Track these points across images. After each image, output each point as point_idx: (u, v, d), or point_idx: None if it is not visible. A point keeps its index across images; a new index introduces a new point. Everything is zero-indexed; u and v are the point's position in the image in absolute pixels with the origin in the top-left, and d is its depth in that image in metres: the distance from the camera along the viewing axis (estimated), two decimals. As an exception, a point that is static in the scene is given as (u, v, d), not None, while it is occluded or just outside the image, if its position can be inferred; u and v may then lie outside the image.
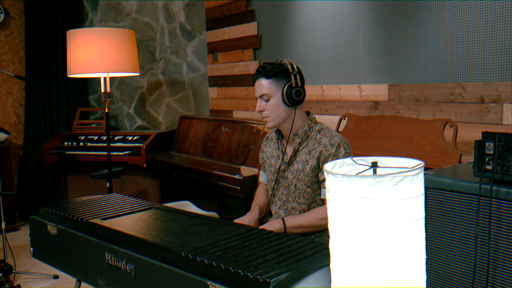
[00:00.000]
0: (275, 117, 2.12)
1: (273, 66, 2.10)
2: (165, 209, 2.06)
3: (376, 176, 1.14)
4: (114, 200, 2.22)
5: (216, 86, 4.98)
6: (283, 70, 2.10)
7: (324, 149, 2.07)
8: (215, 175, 3.64)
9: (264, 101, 2.12)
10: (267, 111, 2.12)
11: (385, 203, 1.13)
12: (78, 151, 4.82)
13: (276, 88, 2.09)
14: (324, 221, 2.08)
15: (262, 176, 2.43)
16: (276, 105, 2.10)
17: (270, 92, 2.09)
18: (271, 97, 2.10)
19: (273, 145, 2.29)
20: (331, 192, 1.23)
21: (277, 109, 2.11)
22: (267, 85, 2.10)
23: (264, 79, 2.10)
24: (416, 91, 3.02)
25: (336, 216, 1.16)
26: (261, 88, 2.10)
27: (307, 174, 2.10)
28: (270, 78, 2.09)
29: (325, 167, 1.26)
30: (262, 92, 2.11)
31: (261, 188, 2.44)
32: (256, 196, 2.40)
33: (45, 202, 5.35)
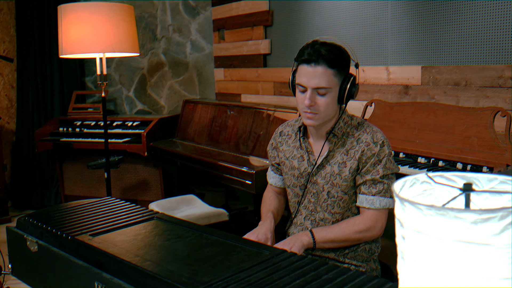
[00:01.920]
0: (326, 115, 1.72)
1: (337, 51, 1.67)
2: (169, 220, 1.71)
3: (483, 211, 0.77)
4: (109, 207, 1.86)
5: (223, 68, 4.59)
6: (345, 57, 1.69)
7: (367, 148, 1.71)
8: (223, 167, 3.28)
9: (319, 95, 1.69)
10: (320, 107, 1.69)
11: (497, 252, 0.76)
12: (73, 137, 4.46)
13: (338, 82, 1.69)
14: (362, 234, 1.72)
15: (272, 177, 2.06)
16: (332, 101, 1.70)
17: (331, 86, 1.67)
18: (329, 92, 1.68)
19: (292, 143, 1.91)
20: (407, 228, 0.87)
21: (331, 107, 1.71)
22: (330, 76, 1.66)
23: (326, 67, 1.64)
24: (455, 74, 2.63)
25: (415, 264, 0.80)
26: (320, 78, 1.65)
27: (346, 179, 1.74)
28: (334, 67, 1.66)
29: (394, 189, 0.90)
30: (320, 84, 1.65)
31: (271, 190, 2.08)
32: (266, 200, 2.04)
33: (40, 191, 5.01)
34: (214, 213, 3.13)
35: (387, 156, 1.70)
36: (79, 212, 1.80)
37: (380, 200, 1.70)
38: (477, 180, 0.95)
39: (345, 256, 1.79)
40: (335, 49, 1.66)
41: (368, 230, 1.71)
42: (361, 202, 1.73)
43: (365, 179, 1.71)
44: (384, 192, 1.70)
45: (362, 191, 1.72)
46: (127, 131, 4.41)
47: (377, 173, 1.69)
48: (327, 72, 1.65)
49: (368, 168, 1.70)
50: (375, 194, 1.70)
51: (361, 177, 1.72)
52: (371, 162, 1.69)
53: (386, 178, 1.70)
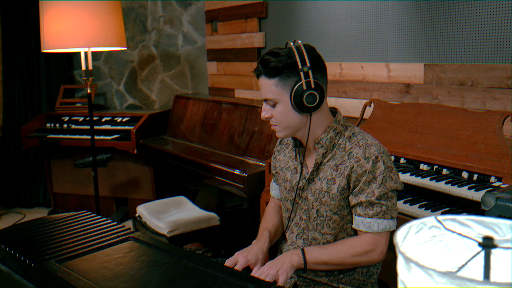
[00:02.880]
0: (285, 126, 1.58)
1: (278, 60, 1.51)
2: (146, 242, 1.54)
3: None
4: (82, 225, 1.70)
5: (216, 61, 4.40)
6: (292, 63, 1.52)
7: (356, 164, 1.52)
8: (215, 169, 3.11)
9: (270, 106, 1.57)
10: (275, 119, 1.58)
11: None
12: (61, 134, 4.29)
13: (283, 91, 1.54)
14: (358, 259, 1.55)
15: (274, 189, 1.90)
16: (284, 112, 1.56)
17: (275, 97, 1.54)
18: (278, 102, 1.55)
19: (288, 152, 1.75)
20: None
21: (286, 117, 1.56)
22: (271, 87, 1.54)
23: (265, 79, 1.54)
24: (460, 73, 2.45)
25: None
26: (264, 89, 1.56)
27: (334, 197, 1.57)
28: (273, 77, 1.53)
29: (397, 241, 0.74)
30: (266, 95, 1.57)
31: (272, 205, 1.91)
32: (266, 216, 1.87)
33: (28, 189, 4.85)
34: (204, 217, 2.97)
35: (384, 173, 1.51)
36: (49, 231, 1.64)
37: (379, 222, 1.52)
38: (497, 227, 0.79)
39: (339, 281, 1.63)
40: (279, 58, 1.51)
41: (365, 254, 1.55)
42: (357, 224, 1.56)
43: (359, 200, 1.53)
44: (383, 214, 1.52)
45: (358, 212, 1.55)
46: (116, 127, 4.24)
47: (372, 194, 1.51)
48: (268, 83, 1.55)
49: (361, 187, 1.52)
50: (372, 216, 1.52)
51: (355, 197, 1.55)
52: (364, 181, 1.51)
53: (384, 199, 1.52)
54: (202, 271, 1.34)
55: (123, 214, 4.50)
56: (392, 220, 1.54)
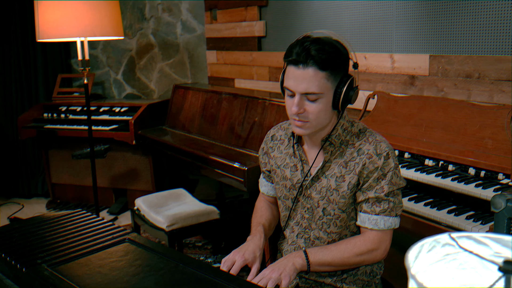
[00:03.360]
0: (318, 124, 1.48)
1: (333, 51, 1.40)
2: (143, 244, 1.49)
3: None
4: (76, 226, 1.64)
5: (215, 50, 4.32)
6: (342, 58, 1.43)
7: (369, 161, 1.47)
8: (214, 162, 3.05)
9: (309, 101, 1.45)
10: (310, 115, 1.45)
11: None
12: (58, 124, 4.23)
13: (331, 86, 1.44)
14: (362, 257, 1.51)
15: (263, 186, 1.84)
16: (324, 108, 1.45)
17: (322, 91, 1.43)
18: (321, 98, 1.44)
19: (284, 149, 1.68)
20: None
21: (324, 114, 1.47)
22: (321, 80, 1.41)
23: (317, 70, 1.40)
24: (467, 64, 2.38)
25: None
26: (310, 82, 1.41)
27: (344, 195, 1.51)
28: (326, 70, 1.41)
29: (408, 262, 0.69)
30: (310, 89, 1.41)
31: (262, 200, 1.86)
32: (257, 211, 1.81)
33: (26, 179, 4.80)
34: (204, 211, 2.92)
35: (393, 170, 1.47)
36: (42, 232, 1.58)
37: (385, 220, 1.48)
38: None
39: (343, 282, 1.59)
40: (328, 48, 1.40)
41: (370, 252, 1.50)
42: (362, 221, 1.51)
43: (367, 196, 1.48)
44: (389, 211, 1.48)
45: (364, 209, 1.50)
46: (115, 117, 4.17)
47: (381, 190, 1.47)
48: (317, 75, 1.40)
49: (370, 183, 1.47)
50: (379, 213, 1.48)
51: (363, 193, 1.50)
52: (374, 177, 1.47)
53: (391, 195, 1.48)
54: (200, 277, 1.29)
55: (122, 205, 4.45)
56: (397, 217, 1.50)
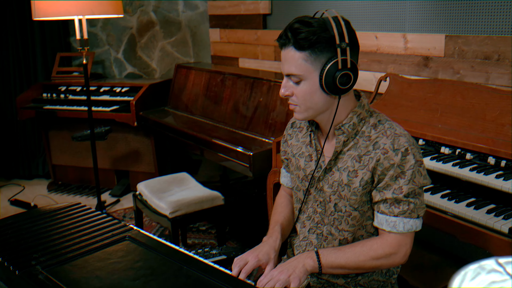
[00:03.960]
0: (307, 107, 1.40)
1: (312, 31, 1.31)
2: (144, 243, 1.40)
3: None
4: (73, 222, 1.55)
5: (219, 28, 4.17)
6: (329, 37, 1.33)
7: (384, 157, 1.35)
8: (217, 146, 2.95)
9: (293, 82, 1.38)
10: (296, 98, 1.39)
11: None
12: (58, 105, 4.12)
13: (313, 67, 1.34)
14: (379, 262, 1.40)
15: (284, 177, 1.74)
16: (309, 91, 1.37)
17: (301, 73, 1.35)
18: (303, 79, 1.36)
19: (302, 137, 1.57)
20: None
21: (310, 97, 1.38)
22: (299, 61, 1.34)
23: (293, 50, 1.34)
24: (486, 45, 2.25)
25: None
26: (290, 63, 1.36)
27: (355, 192, 1.41)
28: (304, 50, 1.33)
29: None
30: (290, 70, 1.37)
31: (283, 194, 1.75)
32: (277, 207, 1.71)
33: (27, 160, 4.72)
34: (208, 197, 2.83)
35: (414, 167, 1.34)
36: (37, 229, 1.49)
37: (405, 222, 1.36)
38: None
39: (357, 283, 1.49)
40: (313, 28, 1.31)
41: (387, 256, 1.39)
42: (380, 223, 1.41)
43: (384, 196, 1.37)
44: (410, 212, 1.36)
45: (381, 210, 1.39)
46: (115, 98, 4.06)
47: (400, 190, 1.34)
48: (294, 56, 1.35)
49: (387, 182, 1.36)
50: (397, 215, 1.36)
51: (379, 193, 1.38)
52: (390, 175, 1.35)
53: (412, 196, 1.35)
54: (205, 282, 1.19)
55: (124, 187, 4.37)
56: (419, 219, 1.38)
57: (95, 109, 3.92)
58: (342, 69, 1.33)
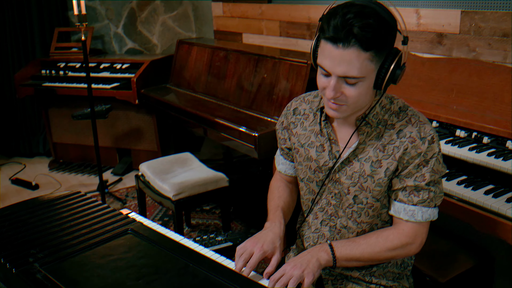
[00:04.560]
0: (356, 107, 1.28)
1: (377, 27, 1.15)
2: (147, 237, 1.32)
3: None
4: (73, 213, 1.47)
5: (221, 1, 4.03)
6: (388, 32, 1.19)
7: (411, 146, 1.28)
8: (221, 126, 2.86)
9: (348, 84, 1.22)
10: (347, 98, 1.24)
11: None
12: (57, 82, 4.01)
13: (375, 66, 1.21)
14: (395, 252, 1.34)
15: (281, 164, 1.64)
16: (365, 91, 1.24)
17: (365, 75, 1.20)
18: (362, 81, 1.22)
19: (309, 126, 1.48)
20: None
21: (364, 98, 1.26)
22: (364, 62, 1.18)
23: (359, 51, 1.16)
24: (504, 22, 2.13)
25: None
26: (350, 65, 1.18)
27: (380, 183, 1.33)
28: (370, 49, 1.17)
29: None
30: (350, 72, 1.19)
31: (279, 178, 1.66)
32: (274, 191, 1.62)
33: (27, 138, 4.65)
34: (212, 178, 2.76)
35: (436, 156, 1.28)
36: (34, 221, 1.42)
37: (423, 211, 1.30)
38: None
39: (371, 275, 1.43)
40: (374, 22, 1.15)
41: (403, 247, 1.33)
42: (397, 211, 1.34)
43: (405, 184, 1.30)
44: (429, 201, 1.30)
45: (399, 198, 1.32)
46: (116, 75, 3.95)
47: (422, 178, 1.28)
48: (360, 57, 1.17)
49: (410, 170, 1.29)
50: (416, 204, 1.30)
51: (400, 181, 1.31)
52: (415, 164, 1.28)
53: (432, 184, 1.30)
54: (213, 282, 1.13)
55: (126, 166, 4.31)
56: (436, 208, 1.33)
57: (95, 86, 3.82)
58: (403, 64, 1.23)
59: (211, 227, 3.31)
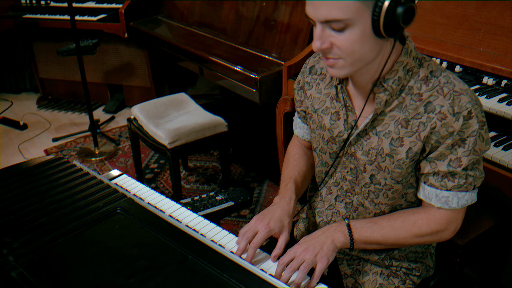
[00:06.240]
0: (355, 60, 1.04)
1: None
2: (139, 218, 1.15)
3: None
4: (55, 184, 1.29)
5: None
6: None
7: (441, 123, 1.06)
8: (219, 66, 2.63)
9: (335, 30, 1.01)
10: (339, 50, 1.03)
11: None
12: (39, 13, 3.71)
13: (364, 5, 0.97)
14: (423, 239, 1.17)
15: (298, 127, 1.45)
16: (359, 39, 1.01)
17: (350, 17, 0.98)
18: (351, 25, 0.99)
19: (325, 88, 1.26)
20: None
21: (360, 47, 1.02)
22: (345, 2, 0.97)
23: None
24: None
25: None
26: (329, 5, 0.97)
27: (400, 165, 1.13)
28: None
29: None
30: (330, 15, 0.98)
31: (297, 145, 1.47)
32: (290, 159, 1.43)
33: (12, 74, 4.39)
34: (209, 123, 2.56)
35: (477, 134, 1.05)
36: (9, 197, 1.24)
37: (459, 197, 1.10)
38: None
39: (392, 258, 1.28)
40: None
41: (433, 234, 1.16)
42: (427, 197, 1.14)
43: (436, 169, 1.10)
44: (466, 186, 1.10)
45: (430, 182, 1.13)
46: (102, 5, 3.64)
47: (458, 163, 1.07)
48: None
49: (442, 152, 1.08)
50: (451, 189, 1.10)
51: (430, 164, 1.10)
52: (447, 144, 1.06)
53: (470, 168, 1.08)
54: (215, 278, 0.97)
55: (119, 103, 4.10)
56: (475, 191, 1.12)
57: (80, 18, 3.52)
58: (406, 1, 0.99)
59: (209, 170, 3.17)
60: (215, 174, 3.11)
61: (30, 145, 3.57)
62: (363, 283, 1.29)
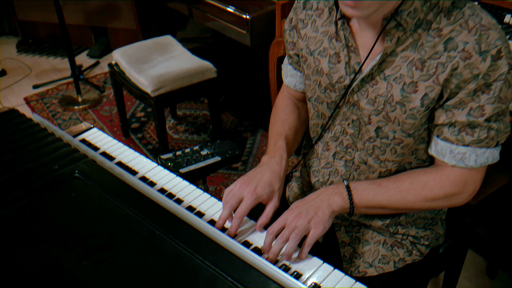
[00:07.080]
0: None
1: None
2: (99, 185, 0.97)
3: None
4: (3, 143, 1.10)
5: None
6: None
7: (464, 64, 0.86)
8: (206, 4, 2.37)
9: None
10: None
11: None
12: None
13: None
14: (435, 203, 0.99)
15: (289, 75, 1.22)
16: None
17: None
18: None
19: (321, 26, 1.04)
20: None
21: None
22: None
23: None
24: None
25: None
26: None
27: (413, 114, 0.93)
28: None
29: None
30: None
31: (287, 96, 1.26)
32: (279, 112, 1.22)
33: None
34: (197, 69, 2.35)
35: (505, 78, 0.86)
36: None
37: (478, 154, 0.92)
38: None
39: (397, 225, 1.11)
40: None
41: (447, 197, 0.98)
42: (440, 153, 0.96)
43: (454, 119, 0.91)
44: (488, 141, 0.92)
45: (444, 136, 0.94)
46: None
47: (480, 112, 0.88)
48: None
49: (462, 99, 0.89)
50: (469, 145, 0.92)
51: (446, 113, 0.92)
52: (469, 90, 0.87)
53: (494, 119, 0.90)
54: (186, 260, 0.80)
55: (104, 46, 3.84)
56: (497, 148, 0.94)
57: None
58: None
59: (199, 119, 2.97)
60: (206, 123, 2.92)
61: (9, 92, 3.36)
62: (362, 253, 1.13)
